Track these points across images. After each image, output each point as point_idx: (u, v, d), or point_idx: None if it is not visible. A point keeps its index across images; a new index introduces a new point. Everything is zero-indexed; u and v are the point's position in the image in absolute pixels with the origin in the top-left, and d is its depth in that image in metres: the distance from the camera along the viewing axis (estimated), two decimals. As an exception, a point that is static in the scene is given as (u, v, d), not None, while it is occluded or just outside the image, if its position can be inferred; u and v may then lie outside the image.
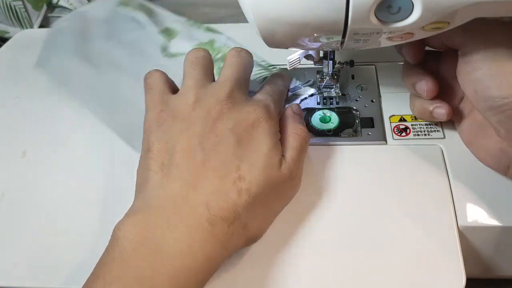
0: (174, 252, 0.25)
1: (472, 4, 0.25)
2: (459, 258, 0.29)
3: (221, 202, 0.27)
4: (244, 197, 0.27)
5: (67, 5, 0.63)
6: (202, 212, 0.26)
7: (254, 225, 0.29)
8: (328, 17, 0.26)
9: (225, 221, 0.26)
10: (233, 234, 0.27)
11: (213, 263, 0.26)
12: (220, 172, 0.28)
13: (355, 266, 0.29)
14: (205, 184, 0.27)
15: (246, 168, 0.28)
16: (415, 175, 0.33)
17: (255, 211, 0.28)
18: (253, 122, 0.30)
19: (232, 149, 0.28)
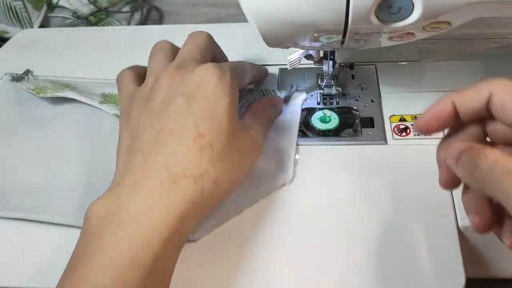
0: (134, 216, 0.25)
1: (472, 4, 0.25)
2: (459, 258, 0.29)
3: (182, 160, 0.27)
4: (207, 153, 0.27)
5: (67, 5, 0.63)
6: (162, 173, 0.26)
7: (225, 180, 0.28)
8: (328, 17, 0.26)
9: (189, 177, 0.26)
10: (204, 190, 0.27)
11: (185, 222, 0.26)
12: (177, 133, 0.28)
13: (355, 266, 0.29)
14: (164, 148, 0.27)
15: (204, 125, 0.28)
16: (415, 175, 0.33)
17: (225, 167, 0.28)
18: (204, 82, 0.29)
19: (185, 110, 0.28)
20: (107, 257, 0.24)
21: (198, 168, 0.27)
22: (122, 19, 0.68)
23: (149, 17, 0.71)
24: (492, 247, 0.32)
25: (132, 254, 0.24)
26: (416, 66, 0.43)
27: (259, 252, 0.30)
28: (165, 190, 0.26)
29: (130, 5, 0.69)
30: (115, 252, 0.24)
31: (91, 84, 0.45)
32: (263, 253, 0.30)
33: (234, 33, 0.50)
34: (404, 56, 0.44)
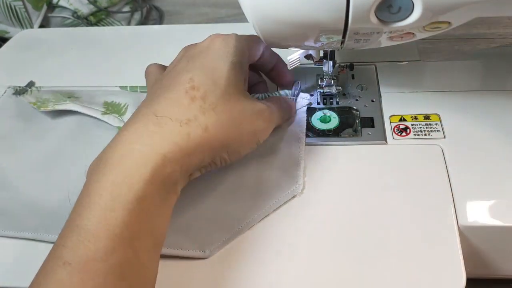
0: (117, 158, 0.25)
1: (472, 4, 0.25)
2: (459, 258, 0.29)
3: (170, 107, 0.27)
4: (198, 103, 0.28)
5: (67, 5, 0.63)
6: (149, 118, 0.27)
7: (218, 129, 0.28)
8: (328, 17, 0.26)
9: (175, 121, 0.27)
10: (190, 134, 0.27)
11: (169, 164, 0.26)
12: (172, 86, 0.29)
13: (355, 266, 0.29)
14: (157, 99, 0.28)
15: (199, 79, 0.28)
16: (415, 175, 0.33)
17: (218, 117, 0.28)
18: (210, 45, 0.31)
19: (185, 67, 0.29)
20: (91, 201, 0.24)
21: (186, 114, 0.27)
22: (122, 19, 0.69)
23: (149, 17, 0.71)
24: (492, 247, 0.32)
25: (113, 195, 0.24)
26: (416, 66, 0.43)
27: (258, 252, 0.30)
28: (149, 132, 0.26)
29: (130, 5, 0.69)
30: (97, 194, 0.24)
31: (92, 93, 0.44)
32: (262, 252, 0.30)
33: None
34: (404, 56, 0.44)
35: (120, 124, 0.39)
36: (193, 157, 0.27)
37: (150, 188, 0.25)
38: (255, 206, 0.32)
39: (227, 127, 0.29)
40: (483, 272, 0.34)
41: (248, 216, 0.31)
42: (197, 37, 0.50)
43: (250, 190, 0.33)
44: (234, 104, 0.29)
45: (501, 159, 0.34)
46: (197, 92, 0.28)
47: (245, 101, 0.30)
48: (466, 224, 0.30)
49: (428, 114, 0.37)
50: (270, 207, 0.32)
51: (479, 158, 0.34)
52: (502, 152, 0.34)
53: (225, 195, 0.33)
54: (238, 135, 0.30)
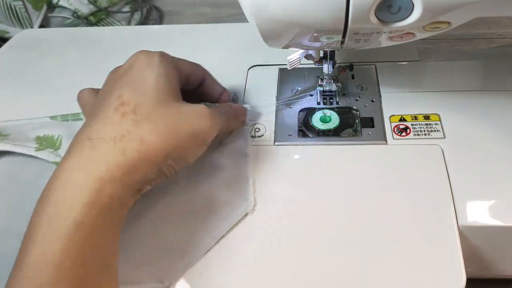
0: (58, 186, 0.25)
1: (472, 4, 0.25)
2: (459, 258, 0.29)
3: (102, 127, 0.27)
4: (130, 116, 0.27)
5: (67, 5, 0.63)
6: (84, 143, 0.27)
7: (154, 138, 0.27)
8: (328, 17, 0.26)
9: (108, 140, 0.26)
10: (126, 150, 0.26)
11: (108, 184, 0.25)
12: (102, 107, 0.28)
13: (355, 266, 0.29)
14: (90, 123, 0.28)
15: (128, 95, 0.28)
16: (415, 175, 0.33)
17: (152, 126, 0.27)
18: (134, 62, 0.30)
19: (112, 85, 0.29)
20: (32, 235, 0.24)
21: (119, 131, 0.27)
22: (122, 19, 0.69)
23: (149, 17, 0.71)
24: (492, 247, 0.32)
25: (52, 225, 0.24)
26: (416, 66, 0.43)
27: (258, 252, 0.30)
28: (85, 157, 0.26)
29: (130, 5, 0.69)
30: (37, 228, 0.24)
31: (22, 128, 0.41)
32: (261, 252, 0.30)
33: (234, 33, 0.50)
34: (404, 56, 0.44)
35: (57, 159, 0.37)
36: (134, 172, 0.27)
37: (90, 212, 0.25)
38: (208, 229, 0.31)
39: (164, 134, 0.28)
40: (483, 272, 0.34)
41: (203, 240, 0.31)
42: (197, 37, 0.51)
43: (200, 213, 0.32)
44: (169, 110, 0.29)
45: (501, 159, 0.34)
46: (127, 107, 0.28)
47: (181, 105, 0.30)
48: (466, 224, 0.30)
49: (428, 114, 0.37)
50: (224, 229, 0.31)
51: (479, 158, 0.34)
52: (502, 152, 0.34)
53: (176, 221, 0.32)
54: (178, 140, 0.29)
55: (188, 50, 0.48)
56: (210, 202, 0.33)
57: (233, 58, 0.46)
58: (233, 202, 0.33)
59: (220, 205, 0.33)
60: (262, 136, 0.38)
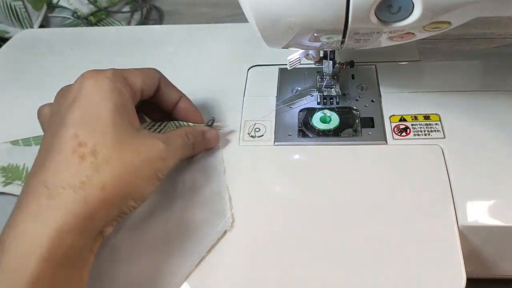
0: (12, 239, 0.24)
1: (472, 4, 0.25)
2: (459, 258, 0.29)
3: (60, 173, 0.25)
4: (89, 160, 0.26)
5: (67, 5, 0.63)
6: (40, 191, 0.25)
7: (116, 184, 0.26)
8: (328, 16, 0.26)
9: (68, 189, 0.25)
10: (87, 198, 0.25)
11: (68, 236, 0.24)
12: (55, 146, 0.26)
13: (355, 266, 0.29)
14: (43, 165, 0.26)
15: (84, 133, 0.26)
16: (415, 175, 0.33)
17: (114, 171, 0.26)
18: (82, 89, 0.28)
19: (62, 121, 0.27)
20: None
21: (79, 177, 0.25)
22: (122, 19, 0.68)
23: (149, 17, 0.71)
24: (492, 247, 0.32)
25: (9, 282, 0.23)
26: (416, 66, 0.43)
27: (258, 252, 0.30)
28: (42, 207, 0.24)
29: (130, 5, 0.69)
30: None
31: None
32: (261, 253, 0.30)
33: (234, 33, 0.50)
34: (404, 56, 0.44)
35: None
36: (95, 219, 0.26)
37: (49, 265, 0.23)
38: (188, 252, 0.30)
39: (125, 179, 0.27)
40: (483, 272, 0.34)
41: (183, 263, 0.30)
42: (197, 37, 0.51)
43: (176, 238, 0.31)
44: (129, 151, 0.27)
45: (501, 159, 0.34)
46: (85, 148, 0.26)
47: (140, 144, 0.28)
48: (466, 224, 0.30)
49: (428, 114, 0.37)
50: (203, 250, 0.30)
51: (479, 158, 0.34)
52: (502, 152, 0.34)
53: (154, 250, 0.31)
54: (139, 181, 0.28)
55: (188, 50, 0.48)
56: (185, 225, 0.32)
57: (233, 58, 0.46)
58: (210, 221, 0.32)
59: (196, 226, 0.32)
60: (262, 136, 0.38)
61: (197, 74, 0.45)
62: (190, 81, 0.44)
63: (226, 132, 0.38)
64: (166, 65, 0.46)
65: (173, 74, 0.35)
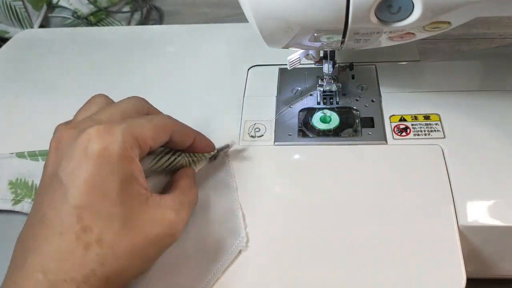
0: None
1: (472, 4, 0.25)
2: (459, 258, 0.29)
3: (62, 263, 0.23)
4: (94, 250, 0.24)
5: (67, 5, 0.63)
6: (40, 280, 0.23)
7: (122, 275, 0.25)
8: (328, 16, 0.26)
9: (70, 283, 0.23)
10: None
11: None
12: (57, 227, 0.24)
13: (355, 266, 0.29)
14: (44, 246, 0.24)
15: (89, 216, 0.24)
16: (415, 175, 0.33)
17: (119, 262, 0.24)
18: (87, 154, 0.24)
19: (64, 197, 0.24)
20: None
21: (83, 270, 0.23)
22: (122, 19, 0.68)
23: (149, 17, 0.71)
24: (492, 247, 0.32)
25: None
26: (416, 66, 0.43)
27: (258, 253, 0.30)
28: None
29: (130, 5, 0.69)
30: None
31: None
32: (262, 253, 0.30)
33: (234, 33, 0.50)
34: (404, 56, 0.44)
35: None
36: None
37: None
38: (204, 273, 0.29)
39: (133, 267, 0.25)
40: (483, 272, 0.34)
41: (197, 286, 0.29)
42: (197, 37, 0.51)
43: (194, 257, 0.31)
44: (137, 234, 0.25)
45: (501, 159, 0.34)
46: (91, 235, 0.24)
47: (149, 223, 0.26)
48: (466, 224, 0.30)
49: (428, 114, 0.37)
50: (219, 270, 0.29)
51: (479, 158, 0.34)
52: (502, 152, 0.34)
53: (169, 270, 0.30)
54: (146, 261, 0.26)
55: (188, 50, 0.48)
56: (202, 244, 0.31)
57: (233, 58, 0.46)
58: (224, 240, 0.31)
59: (213, 246, 0.31)
60: (262, 136, 0.38)
61: (197, 74, 0.45)
62: (190, 81, 0.44)
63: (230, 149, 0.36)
64: (166, 65, 0.47)
65: (173, 74, 0.35)
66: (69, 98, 0.43)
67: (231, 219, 0.32)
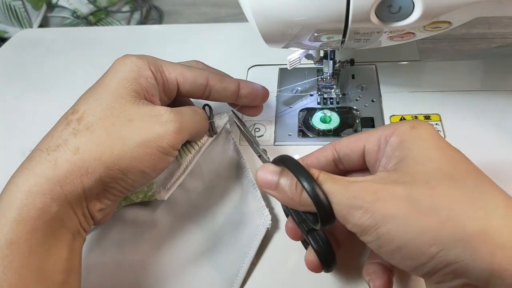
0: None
1: (473, 4, 0.25)
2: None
3: (45, 138, 0.26)
4: (72, 125, 0.26)
5: (67, 5, 0.63)
6: (26, 156, 0.25)
7: (92, 148, 0.25)
8: (328, 16, 0.26)
9: (44, 151, 0.25)
10: (57, 161, 0.24)
11: (37, 198, 0.23)
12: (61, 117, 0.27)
13: (355, 266, 0.29)
14: (50, 131, 0.27)
15: (82, 101, 0.27)
16: (416, 175, 0.33)
17: (92, 135, 0.25)
18: (110, 68, 0.29)
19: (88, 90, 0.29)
20: None
21: (57, 140, 0.25)
22: (122, 18, 0.69)
23: (149, 17, 0.71)
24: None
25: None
26: (416, 66, 0.43)
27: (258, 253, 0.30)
28: (20, 169, 0.25)
29: (129, 5, 0.69)
30: None
31: None
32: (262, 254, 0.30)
33: (234, 33, 0.50)
34: (404, 56, 0.44)
35: None
36: (66, 185, 0.24)
37: (22, 229, 0.23)
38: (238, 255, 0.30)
39: (104, 144, 0.25)
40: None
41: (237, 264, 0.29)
42: (197, 37, 0.51)
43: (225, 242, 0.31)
44: (118, 116, 0.26)
45: (501, 159, 0.34)
46: (75, 115, 0.26)
47: (135, 108, 0.27)
48: (467, 224, 0.30)
49: (428, 114, 0.37)
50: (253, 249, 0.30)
51: (480, 158, 0.34)
52: (502, 152, 0.34)
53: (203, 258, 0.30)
54: (124, 150, 0.26)
55: (188, 50, 0.48)
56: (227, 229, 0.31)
57: (233, 58, 0.46)
58: (250, 221, 0.31)
59: (238, 230, 0.31)
60: (262, 136, 0.38)
61: (197, 74, 0.45)
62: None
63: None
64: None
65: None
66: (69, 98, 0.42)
67: (252, 200, 0.32)
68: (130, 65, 0.28)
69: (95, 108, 0.26)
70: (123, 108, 0.27)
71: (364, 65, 0.43)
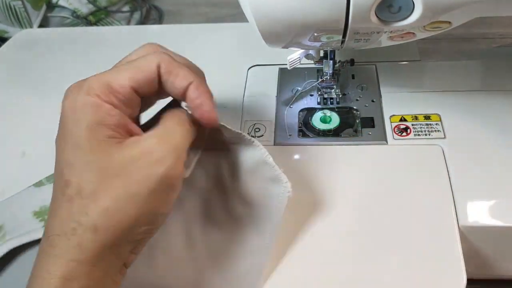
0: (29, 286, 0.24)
1: (473, 4, 0.25)
2: (459, 258, 0.29)
3: (56, 221, 0.24)
4: (76, 202, 0.24)
5: (67, 4, 0.63)
6: (44, 241, 0.24)
7: (109, 222, 0.24)
8: (328, 16, 0.26)
9: (63, 236, 0.24)
10: (82, 245, 0.23)
11: (72, 283, 0.23)
12: (54, 187, 0.25)
13: (356, 266, 0.29)
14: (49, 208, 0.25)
15: (68, 170, 0.24)
16: (416, 175, 0.33)
17: (101, 208, 0.24)
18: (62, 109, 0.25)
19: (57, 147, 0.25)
20: None
21: (70, 223, 0.24)
22: (122, 18, 0.68)
23: (149, 17, 0.71)
24: (492, 247, 0.32)
25: None
26: (416, 66, 0.43)
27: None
28: (45, 255, 0.24)
29: (129, 5, 0.69)
30: None
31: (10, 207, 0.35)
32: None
33: (234, 33, 0.50)
34: (404, 56, 0.44)
35: None
36: (100, 263, 0.24)
37: None
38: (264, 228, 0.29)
39: (118, 212, 0.24)
40: (483, 272, 0.34)
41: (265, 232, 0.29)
42: (197, 37, 0.51)
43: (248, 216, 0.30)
44: (116, 177, 0.24)
45: (501, 159, 0.34)
46: (71, 188, 0.24)
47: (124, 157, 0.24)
48: (467, 224, 0.30)
49: (429, 114, 0.37)
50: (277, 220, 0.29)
51: (480, 158, 0.34)
52: (502, 152, 0.34)
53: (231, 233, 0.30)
54: (138, 206, 0.24)
55: (188, 50, 0.48)
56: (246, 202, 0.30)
57: (233, 58, 0.46)
58: (268, 191, 0.29)
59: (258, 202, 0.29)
60: (262, 136, 0.38)
61: (197, 74, 0.45)
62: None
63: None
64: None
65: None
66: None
67: (266, 168, 0.29)
68: (84, 110, 0.25)
69: (86, 173, 0.24)
70: (112, 161, 0.24)
71: (364, 65, 0.43)
